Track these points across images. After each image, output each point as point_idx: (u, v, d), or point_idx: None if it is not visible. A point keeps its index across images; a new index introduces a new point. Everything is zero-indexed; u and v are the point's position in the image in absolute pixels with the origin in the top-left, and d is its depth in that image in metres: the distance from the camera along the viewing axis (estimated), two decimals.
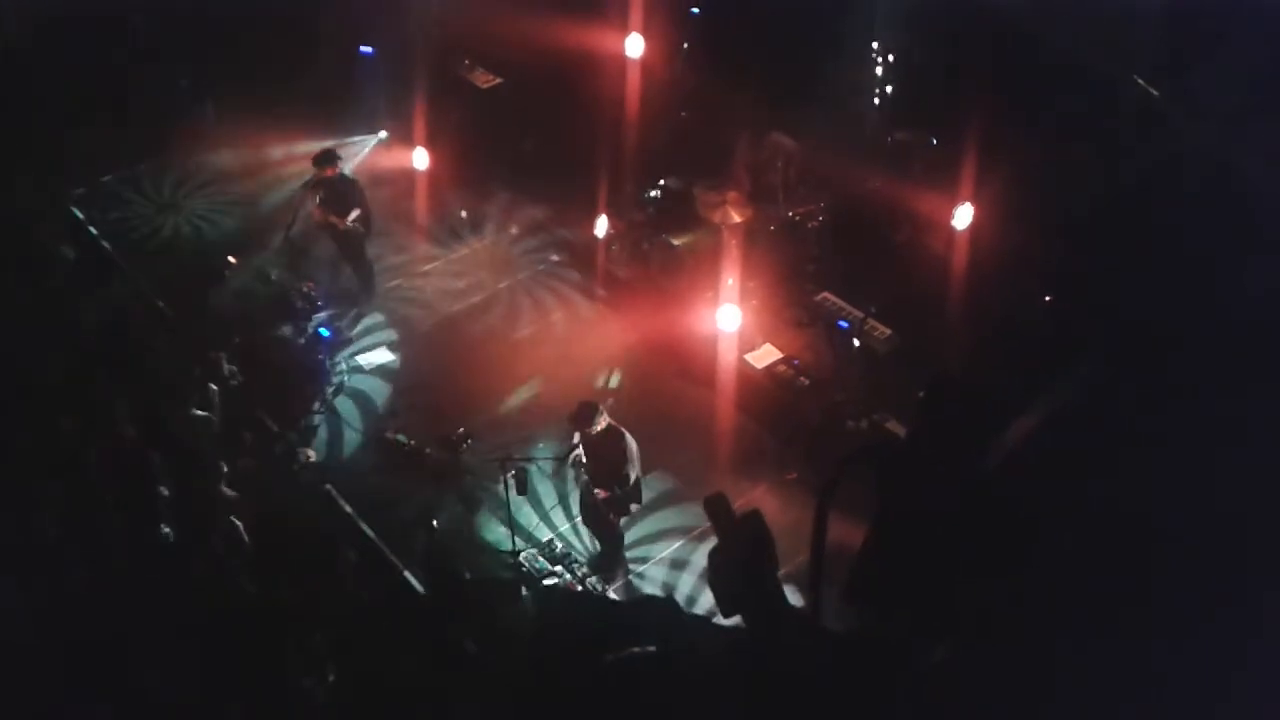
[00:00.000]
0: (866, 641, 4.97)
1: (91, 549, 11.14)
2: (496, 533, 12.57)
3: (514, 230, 16.60)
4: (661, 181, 15.74)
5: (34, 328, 13.63)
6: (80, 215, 16.42)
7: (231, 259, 15.38)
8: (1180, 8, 12.89)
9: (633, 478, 11.86)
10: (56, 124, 16.38)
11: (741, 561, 4.78)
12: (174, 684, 10.08)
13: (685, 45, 16.68)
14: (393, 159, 17.33)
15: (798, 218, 15.16)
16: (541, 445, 13.12)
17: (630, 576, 12.38)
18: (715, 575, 5.00)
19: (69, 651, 10.18)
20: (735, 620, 4.99)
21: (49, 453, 11.96)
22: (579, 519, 12.53)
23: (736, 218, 14.71)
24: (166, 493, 11.75)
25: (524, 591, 11.93)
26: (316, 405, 13.98)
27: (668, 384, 14.39)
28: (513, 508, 12.14)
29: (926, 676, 4.58)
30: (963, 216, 14.25)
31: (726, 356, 14.18)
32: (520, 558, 12.09)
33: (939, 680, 4.56)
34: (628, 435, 11.86)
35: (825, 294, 14.44)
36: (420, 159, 16.69)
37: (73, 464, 11.85)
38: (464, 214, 16.64)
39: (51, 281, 14.57)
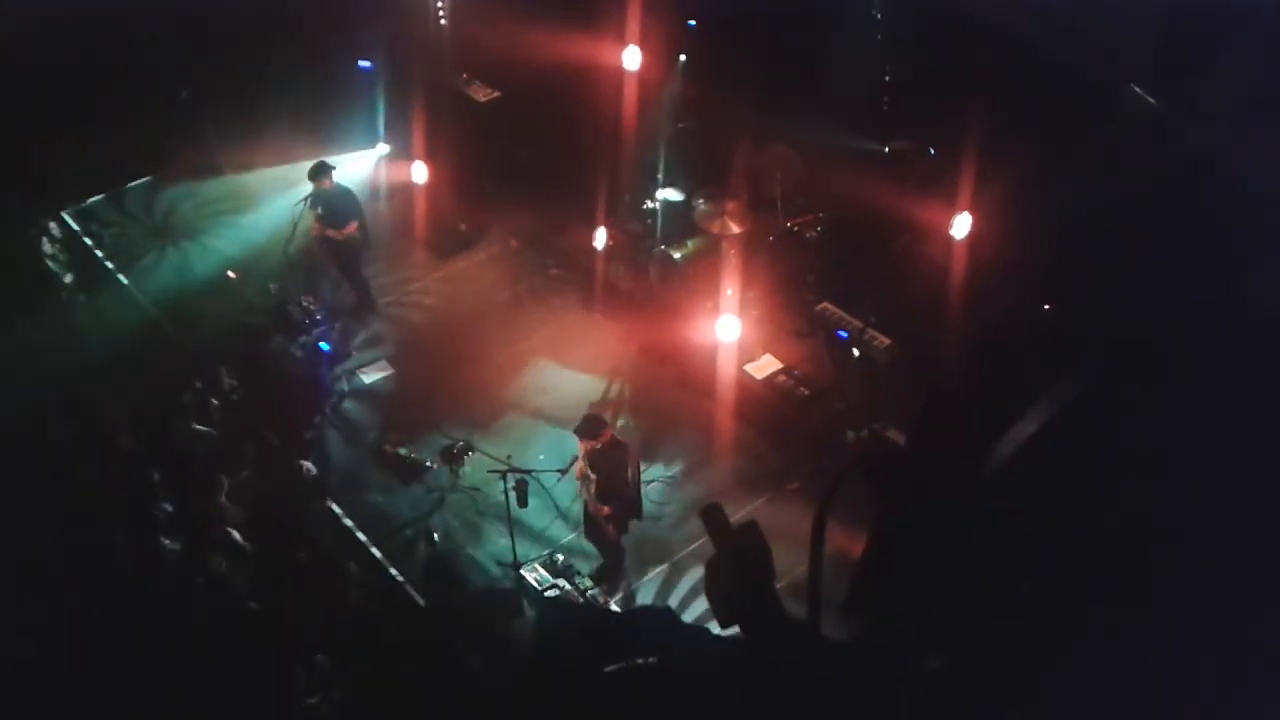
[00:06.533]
0: (866, 649, 4.96)
1: (90, 565, 11.12)
2: (497, 545, 12.55)
3: (513, 243, 16.60)
4: (660, 192, 15.74)
5: (33, 344, 13.65)
6: (79, 230, 16.42)
7: (231, 273, 15.39)
8: (1177, 13, 12.87)
9: (636, 492, 11.87)
10: (53, 136, 16.37)
11: (738, 572, 4.76)
12: (175, 703, 10.06)
13: (682, 57, 16.68)
14: (392, 173, 17.32)
15: (796, 228, 15.15)
16: (542, 457, 13.09)
17: (631, 588, 12.36)
18: (713, 585, 4.99)
19: (68, 667, 10.16)
20: (733, 630, 4.97)
21: (48, 468, 11.96)
22: (580, 531, 12.51)
23: (735, 228, 14.71)
24: (167, 508, 11.75)
25: (525, 604, 11.90)
26: (316, 419, 13.97)
27: (667, 395, 14.38)
28: (514, 520, 12.13)
29: (927, 682, 4.57)
30: (961, 225, 14.24)
31: (726, 367, 14.16)
32: (521, 570, 12.07)
33: (939, 685, 4.54)
34: (631, 449, 11.86)
35: (824, 304, 14.42)
36: (419, 172, 16.70)
37: (71, 479, 11.86)
38: (463, 227, 16.64)
39: (50, 298, 14.58)
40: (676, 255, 15.28)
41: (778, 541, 4.72)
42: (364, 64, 17.48)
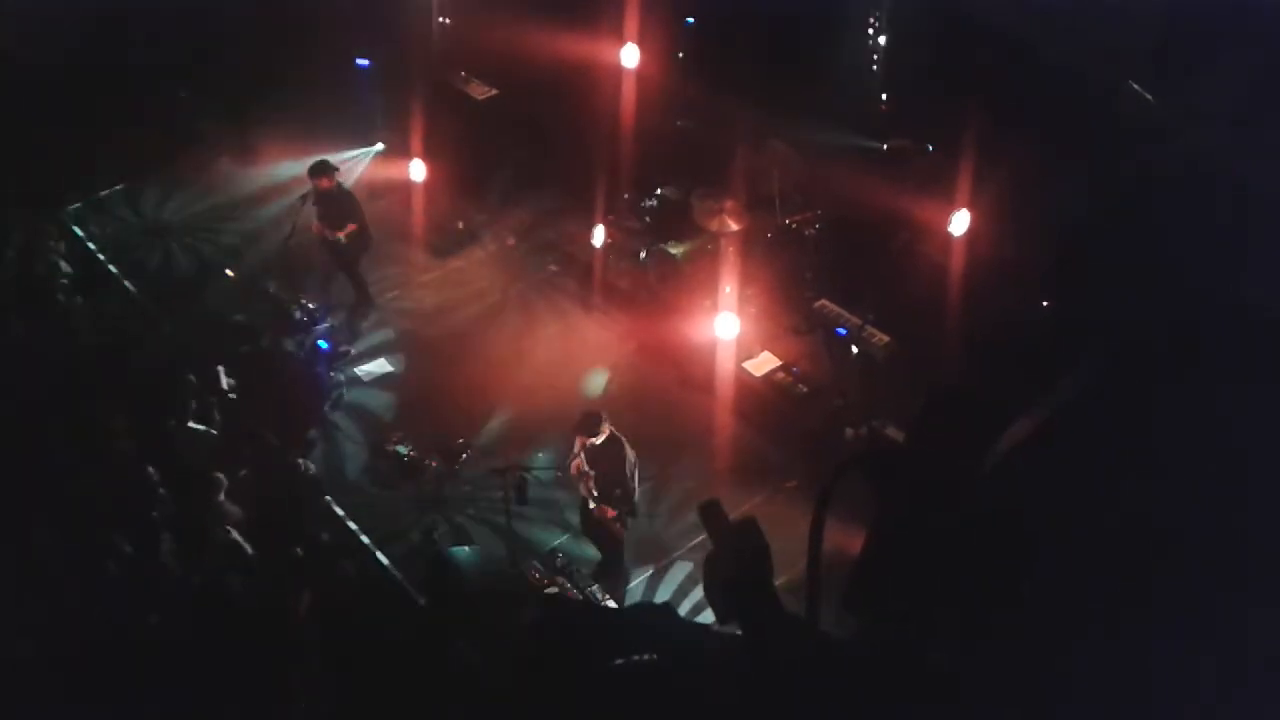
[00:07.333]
0: (866, 648, 4.96)
1: (90, 565, 11.11)
2: (497, 543, 12.55)
3: (511, 241, 16.60)
4: (658, 190, 15.74)
5: (31, 343, 13.63)
6: (78, 230, 16.42)
7: (229, 272, 15.39)
8: (1177, 13, 12.90)
9: (633, 489, 11.87)
10: (53, 136, 16.37)
11: (737, 568, 4.77)
12: (173, 703, 10.05)
13: (680, 54, 16.69)
14: (390, 171, 17.32)
15: (794, 225, 15.16)
16: (541, 455, 13.10)
17: (630, 586, 12.37)
18: (711, 582, 4.99)
19: (68, 667, 10.15)
20: (732, 627, 4.98)
21: (46, 469, 11.95)
22: (579, 529, 12.51)
23: (733, 226, 14.71)
24: (166, 508, 11.74)
25: (525, 602, 11.89)
26: (315, 418, 13.97)
27: (666, 393, 14.38)
28: (513, 517, 12.13)
29: (926, 681, 4.57)
30: (959, 223, 14.25)
31: (725, 365, 14.17)
32: (521, 568, 12.06)
33: (938, 684, 4.55)
34: (628, 445, 11.87)
35: (823, 301, 14.43)
36: (417, 171, 16.68)
37: (70, 479, 11.84)
38: (461, 225, 16.63)
39: (48, 297, 14.56)
40: (675, 253, 15.28)
41: (776, 538, 4.72)
42: (362, 62, 17.48)
